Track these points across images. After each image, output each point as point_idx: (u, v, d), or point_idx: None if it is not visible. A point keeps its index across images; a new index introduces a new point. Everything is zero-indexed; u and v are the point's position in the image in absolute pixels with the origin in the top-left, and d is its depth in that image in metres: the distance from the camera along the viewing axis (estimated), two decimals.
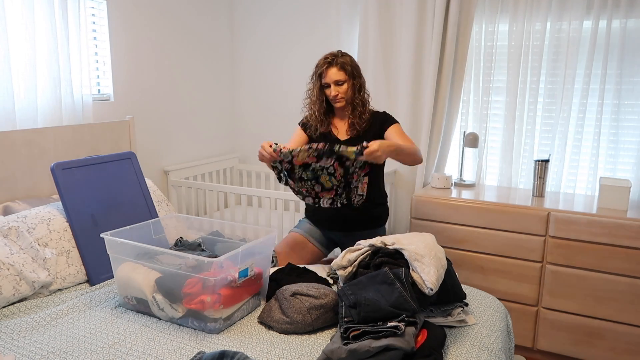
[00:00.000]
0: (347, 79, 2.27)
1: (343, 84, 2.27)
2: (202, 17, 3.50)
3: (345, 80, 2.27)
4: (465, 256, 2.71)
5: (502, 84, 2.96)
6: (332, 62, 2.26)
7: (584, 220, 2.44)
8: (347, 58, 2.30)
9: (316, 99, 2.34)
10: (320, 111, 2.36)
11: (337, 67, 2.26)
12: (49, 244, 2.03)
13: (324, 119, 2.38)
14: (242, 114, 3.88)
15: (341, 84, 2.27)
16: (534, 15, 2.79)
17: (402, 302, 1.53)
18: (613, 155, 2.78)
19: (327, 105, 2.38)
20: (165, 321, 1.74)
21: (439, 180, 2.93)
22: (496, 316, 1.86)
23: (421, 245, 1.70)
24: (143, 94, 3.10)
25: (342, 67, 2.26)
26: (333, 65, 2.26)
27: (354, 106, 2.33)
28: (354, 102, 2.32)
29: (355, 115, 2.33)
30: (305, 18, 3.51)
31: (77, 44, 2.56)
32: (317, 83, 2.33)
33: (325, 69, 2.27)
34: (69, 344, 1.58)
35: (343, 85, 2.28)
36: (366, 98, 2.37)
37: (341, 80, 2.27)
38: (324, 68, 2.27)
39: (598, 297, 2.46)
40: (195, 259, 1.69)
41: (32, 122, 2.43)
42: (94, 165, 2.28)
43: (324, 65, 2.27)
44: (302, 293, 1.71)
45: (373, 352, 1.40)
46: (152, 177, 3.18)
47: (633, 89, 2.69)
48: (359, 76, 2.32)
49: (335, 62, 2.26)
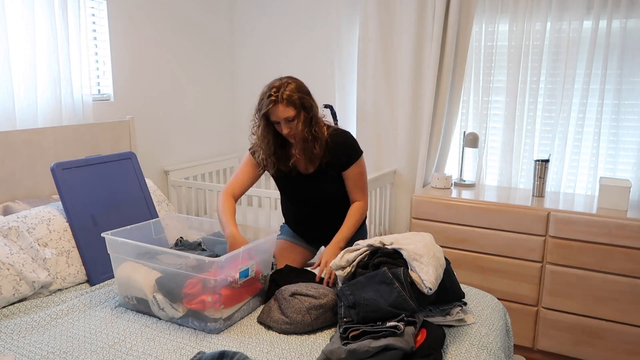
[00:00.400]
0: (296, 113, 1.99)
1: (293, 119, 2.00)
2: (202, 17, 3.50)
3: (294, 116, 1.99)
4: (465, 256, 2.71)
5: (502, 84, 2.96)
6: (277, 99, 1.96)
7: (584, 220, 2.43)
8: (293, 86, 2.00)
9: (264, 138, 2.07)
10: (271, 150, 2.10)
11: (283, 104, 1.96)
12: (49, 244, 2.03)
13: (282, 154, 2.13)
14: (242, 114, 3.88)
15: (291, 120, 2.00)
16: (534, 15, 2.79)
17: (401, 301, 1.53)
18: (613, 155, 2.78)
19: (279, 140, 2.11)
20: (165, 321, 1.74)
21: (439, 180, 2.93)
22: (495, 315, 1.86)
23: (420, 245, 1.70)
24: (143, 94, 3.11)
25: (290, 102, 1.97)
26: (279, 102, 1.96)
27: (304, 140, 2.05)
28: (304, 136, 2.04)
29: (307, 150, 2.07)
30: (305, 18, 3.51)
31: (77, 44, 2.56)
32: (262, 122, 2.05)
33: (272, 107, 1.97)
34: (69, 344, 1.58)
35: (293, 121, 2.00)
36: (320, 126, 2.09)
37: (291, 117, 1.98)
38: (270, 107, 1.97)
39: (598, 297, 2.46)
40: (196, 258, 1.69)
41: (32, 122, 2.43)
42: (94, 165, 2.28)
43: (270, 104, 1.97)
44: (301, 293, 1.71)
45: (372, 352, 1.40)
46: (152, 177, 3.18)
47: (633, 89, 2.69)
48: (310, 106, 2.03)
49: (280, 98, 1.96)
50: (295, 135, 2.04)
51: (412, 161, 3.13)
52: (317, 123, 2.07)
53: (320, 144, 2.07)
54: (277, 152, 2.12)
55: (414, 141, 3.10)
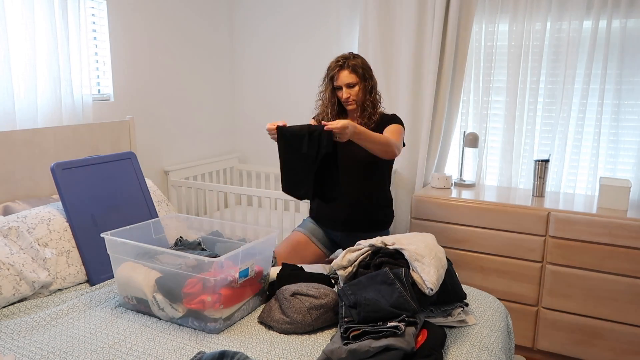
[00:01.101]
0: (358, 81, 2.27)
1: (354, 86, 2.27)
2: (202, 17, 3.50)
3: (356, 83, 2.27)
4: (465, 256, 2.71)
5: (502, 84, 2.96)
6: (343, 64, 2.26)
7: (584, 220, 2.44)
8: (359, 60, 2.29)
9: (328, 101, 2.35)
10: (332, 113, 2.36)
11: (348, 69, 2.26)
12: (49, 244, 2.03)
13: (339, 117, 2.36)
14: (242, 114, 3.88)
15: (353, 86, 2.27)
16: (534, 15, 2.79)
17: (402, 302, 1.53)
18: (613, 155, 2.78)
19: (338, 107, 2.38)
20: (165, 321, 1.74)
21: (439, 180, 2.93)
22: (496, 316, 1.86)
23: (421, 245, 1.70)
24: (143, 94, 3.10)
25: (354, 70, 2.26)
26: (344, 68, 2.26)
27: (363, 108, 2.32)
28: (364, 104, 2.32)
29: (364, 117, 2.32)
30: (305, 18, 3.51)
31: (77, 44, 2.56)
32: (329, 85, 2.33)
33: (337, 72, 2.27)
34: (69, 344, 1.58)
35: (354, 87, 2.27)
36: (377, 99, 2.36)
37: (353, 83, 2.27)
38: (336, 71, 2.27)
39: (598, 297, 2.46)
40: (196, 258, 1.69)
41: (32, 122, 2.43)
42: (94, 165, 2.28)
43: (336, 68, 2.27)
44: (302, 293, 1.71)
45: (373, 352, 1.40)
46: (152, 177, 3.18)
47: (633, 89, 2.69)
48: (370, 78, 2.32)
49: (346, 64, 2.26)
50: (355, 100, 2.29)
51: (412, 161, 3.13)
52: (375, 95, 2.34)
53: (376, 111, 2.33)
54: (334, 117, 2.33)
55: (414, 141, 3.10)
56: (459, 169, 3.06)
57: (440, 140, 3.04)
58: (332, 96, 2.34)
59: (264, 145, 3.80)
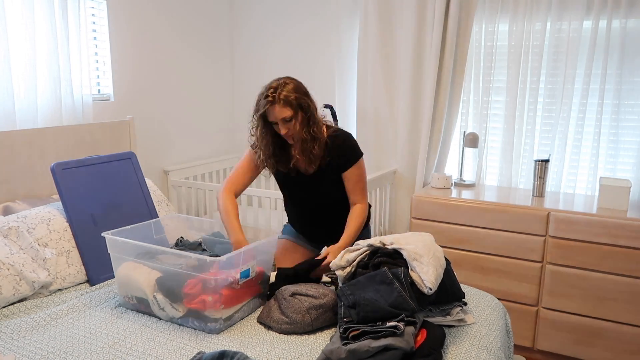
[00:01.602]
0: (293, 114, 1.98)
1: (290, 119, 1.98)
2: (202, 17, 3.50)
3: (292, 116, 1.98)
4: (465, 256, 2.71)
5: (502, 84, 2.96)
6: (274, 99, 1.95)
7: (584, 220, 2.43)
8: (290, 86, 1.99)
9: (262, 140, 2.06)
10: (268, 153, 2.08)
11: (279, 104, 1.95)
12: (49, 244, 2.03)
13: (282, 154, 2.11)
14: (242, 114, 3.88)
15: (289, 120, 1.98)
16: (534, 15, 2.79)
17: (401, 301, 1.53)
18: (613, 155, 2.78)
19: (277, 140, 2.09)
20: (165, 321, 1.74)
21: (439, 180, 2.93)
22: (495, 315, 1.86)
23: (420, 245, 1.70)
24: (143, 94, 3.11)
25: (287, 103, 1.96)
26: (275, 102, 1.96)
27: (302, 142, 2.04)
28: (302, 137, 2.03)
29: (305, 151, 2.04)
30: (305, 18, 3.51)
31: (77, 44, 2.56)
32: (259, 123, 2.04)
33: (268, 109, 1.97)
34: (69, 344, 1.58)
35: (291, 121, 1.99)
36: (319, 125, 2.07)
37: (288, 117, 1.97)
38: (267, 107, 1.97)
39: (598, 297, 2.46)
40: (197, 258, 1.69)
41: (32, 122, 2.43)
42: (94, 165, 2.28)
43: (266, 104, 1.96)
44: (301, 293, 1.71)
45: (372, 352, 1.40)
46: (152, 177, 3.18)
47: (633, 89, 2.69)
48: (307, 106, 2.02)
49: (277, 98, 1.95)
50: (293, 135, 2.02)
51: (412, 161, 3.13)
52: (316, 123, 2.05)
53: (319, 144, 2.05)
54: (276, 153, 2.10)
55: (414, 141, 3.10)
56: (459, 169, 3.06)
57: (440, 140, 3.04)
58: (266, 134, 2.05)
59: None
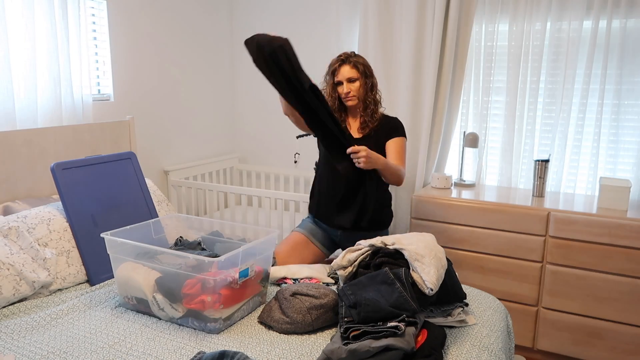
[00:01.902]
0: (359, 76, 2.30)
1: (355, 81, 2.31)
2: (202, 17, 3.50)
3: (357, 78, 2.30)
4: (465, 256, 2.71)
5: (502, 84, 2.97)
6: (345, 60, 2.31)
7: (584, 220, 2.44)
8: (361, 58, 2.34)
9: (329, 96, 2.37)
10: (334, 108, 2.37)
11: (349, 65, 2.30)
12: (49, 244, 2.03)
13: (339, 115, 2.40)
14: (242, 114, 3.88)
15: (353, 81, 2.30)
16: (534, 15, 2.79)
17: (402, 302, 1.53)
18: (613, 155, 2.78)
19: (340, 104, 2.40)
20: (165, 321, 1.74)
21: (439, 180, 2.93)
22: (496, 316, 1.86)
23: (421, 246, 1.70)
24: (143, 94, 3.10)
25: (355, 66, 2.30)
26: (346, 63, 2.30)
27: (366, 104, 2.35)
28: (366, 101, 2.34)
29: (367, 114, 2.35)
30: (305, 18, 3.51)
31: (77, 44, 2.56)
32: (330, 81, 2.36)
33: (338, 67, 2.31)
34: (69, 344, 1.58)
35: (355, 82, 2.31)
36: (378, 99, 2.39)
37: (353, 78, 2.30)
38: (337, 66, 2.31)
39: (598, 297, 2.46)
40: (196, 258, 1.69)
41: (32, 122, 2.43)
42: (94, 165, 2.28)
43: (337, 62, 2.32)
44: (302, 293, 1.71)
45: (373, 352, 1.40)
46: (152, 177, 3.18)
47: (633, 89, 2.69)
48: (371, 76, 2.35)
49: (348, 60, 2.31)
50: (356, 96, 2.32)
51: (412, 161, 3.12)
52: (377, 93, 2.38)
53: (377, 109, 2.37)
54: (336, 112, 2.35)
55: (414, 141, 3.09)
56: (459, 169, 3.06)
57: (440, 140, 3.04)
58: (333, 91, 2.36)
59: (264, 145, 3.81)
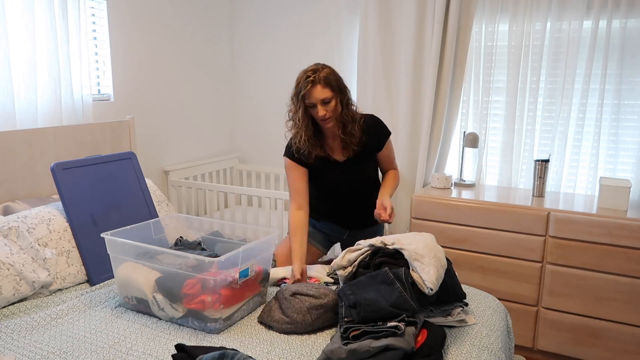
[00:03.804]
0: (333, 95, 2.03)
1: (330, 101, 2.03)
2: (202, 17, 3.50)
3: (332, 97, 2.03)
4: (465, 256, 2.71)
5: (502, 84, 2.96)
6: (314, 80, 2.00)
7: (584, 220, 2.43)
8: (328, 70, 2.05)
9: (302, 123, 2.09)
10: (307, 135, 2.11)
11: (320, 84, 2.00)
12: (49, 244, 2.03)
13: (316, 142, 2.16)
14: (242, 114, 3.88)
15: (328, 102, 2.03)
16: (534, 15, 2.79)
17: (402, 302, 1.53)
18: (613, 155, 2.78)
19: (314, 127, 2.13)
20: (165, 321, 1.74)
21: (439, 180, 2.93)
22: (496, 316, 1.86)
23: (421, 245, 1.70)
24: (143, 94, 3.10)
25: (327, 83, 2.01)
26: (316, 83, 2.00)
27: (344, 124, 2.11)
28: (343, 119, 2.10)
29: (347, 134, 2.12)
30: (305, 18, 3.51)
31: (77, 44, 2.56)
32: (300, 105, 2.06)
33: (309, 89, 2.01)
34: (69, 344, 1.58)
35: (330, 103, 2.04)
36: (354, 110, 2.16)
37: (328, 98, 2.02)
38: (308, 88, 2.00)
39: (598, 297, 2.46)
40: (196, 258, 1.69)
41: (32, 122, 2.43)
42: (94, 165, 2.28)
43: (307, 85, 2.00)
44: (302, 293, 1.71)
45: (373, 352, 1.40)
46: (152, 177, 3.18)
47: (633, 89, 2.69)
48: (344, 89, 2.10)
49: (317, 79, 2.00)
50: (333, 116, 2.07)
51: (412, 161, 3.12)
52: (352, 106, 2.16)
53: (358, 126, 2.14)
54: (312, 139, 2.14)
55: (414, 141, 3.09)
56: (459, 169, 3.06)
57: (440, 140, 3.03)
58: (305, 117, 2.08)
59: (264, 145, 3.81)
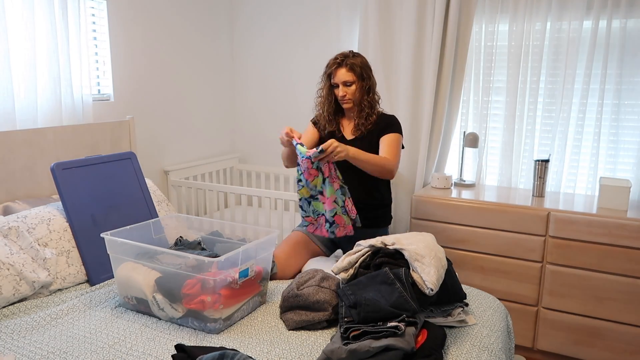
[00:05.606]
0: (355, 80, 2.28)
1: (351, 85, 2.28)
2: (203, 17, 3.50)
3: (353, 82, 2.28)
4: (465, 256, 2.71)
5: (502, 84, 2.96)
6: (341, 62, 2.27)
7: (584, 220, 2.43)
8: (358, 59, 2.30)
9: (325, 99, 2.37)
10: (329, 111, 2.38)
11: (346, 68, 2.27)
12: (49, 244, 2.03)
13: (332, 119, 2.40)
14: (242, 114, 3.88)
15: (349, 85, 2.28)
16: (534, 15, 2.79)
17: (402, 302, 1.53)
18: (613, 155, 2.78)
19: (336, 105, 2.39)
20: (165, 321, 1.74)
21: (439, 180, 2.93)
22: (496, 316, 1.86)
23: (421, 246, 1.70)
24: (143, 94, 3.10)
25: (351, 68, 2.27)
26: (342, 66, 2.27)
27: (361, 108, 2.33)
28: (361, 104, 2.33)
29: (361, 117, 2.33)
30: (305, 18, 3.51)
31: (77, 44, 2.56)
32: (326, 83, 2.35)
33: (335, 69, 2.28)
34: (69, 344, 1.58)
35: (351, 86, 2.28)
36: (375, 100, 2.37)
37: (349, 82, 2.27)
38: (334, 68, 2.28)
39: (598, 297, 2.46)
40: (196, 258, 1.69)
41: (32, 122, 2.43)
42: (94, 165, 2.28)
43: (334, 65, 2.28)
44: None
45: (373, 352, 1.40)
46: (152, 177, 3.18)
47: (633, 89, 2.69)
48: (368, 77, 2.32)
49: (344, 63, 2.27)
50: (352, 99, 2.30)
51: (412, 161, 3.12)
52: (374, 96, 2.36)
53: (373, 112, 2.34)
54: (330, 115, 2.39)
55: (414, 141, 3.09)
56: (459, 169, 3.06)
57: (440, 140, 3.03)
58: (329, 94, 2.36)
59: (264, 145, 3.80)
